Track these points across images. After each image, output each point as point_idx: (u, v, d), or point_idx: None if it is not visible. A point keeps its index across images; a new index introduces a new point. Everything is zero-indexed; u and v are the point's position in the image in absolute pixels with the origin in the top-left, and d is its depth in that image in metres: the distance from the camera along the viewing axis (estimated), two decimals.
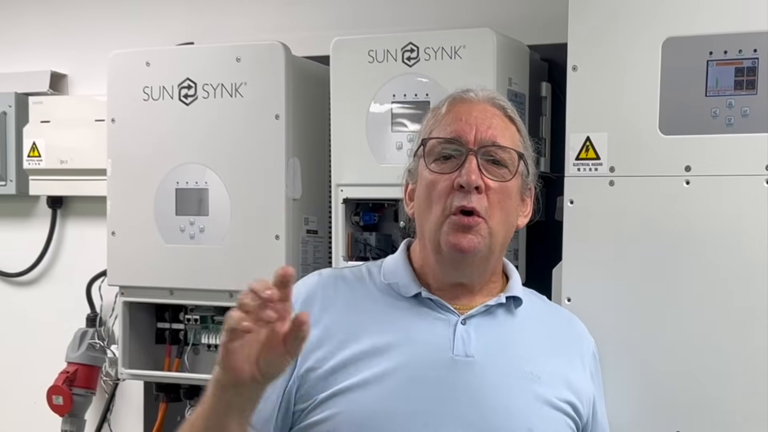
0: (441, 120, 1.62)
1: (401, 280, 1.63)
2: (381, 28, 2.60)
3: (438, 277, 1.63)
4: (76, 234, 3.04)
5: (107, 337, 2.91)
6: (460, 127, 1.59)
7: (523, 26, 2.43)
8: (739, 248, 1.90)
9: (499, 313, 1.64)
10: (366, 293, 1.64)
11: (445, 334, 1.58)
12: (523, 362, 1.60)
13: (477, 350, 1.57)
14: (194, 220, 2.41)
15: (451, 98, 1.66)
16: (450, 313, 1.61)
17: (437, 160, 1.59)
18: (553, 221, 2.21)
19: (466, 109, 1.62)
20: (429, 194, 1.58)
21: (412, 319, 1.60)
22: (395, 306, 1.61)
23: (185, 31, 2.84)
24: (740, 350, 1.90)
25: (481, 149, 1.57)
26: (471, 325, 1.60)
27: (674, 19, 1.95)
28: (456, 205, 1.55)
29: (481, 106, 1.63)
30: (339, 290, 1.64)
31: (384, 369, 1.54)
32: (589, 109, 2.01)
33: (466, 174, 1.55)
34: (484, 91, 1.67)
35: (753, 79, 1.90)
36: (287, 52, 2.34)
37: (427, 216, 1.59)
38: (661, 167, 1.95)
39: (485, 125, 1.59)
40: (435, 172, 1.58)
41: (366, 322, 1.59)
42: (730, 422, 1.91)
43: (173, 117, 2.41)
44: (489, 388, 1.55)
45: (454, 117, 1.61)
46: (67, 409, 2.87)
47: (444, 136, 1.59)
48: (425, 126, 1.66)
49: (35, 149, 2.92)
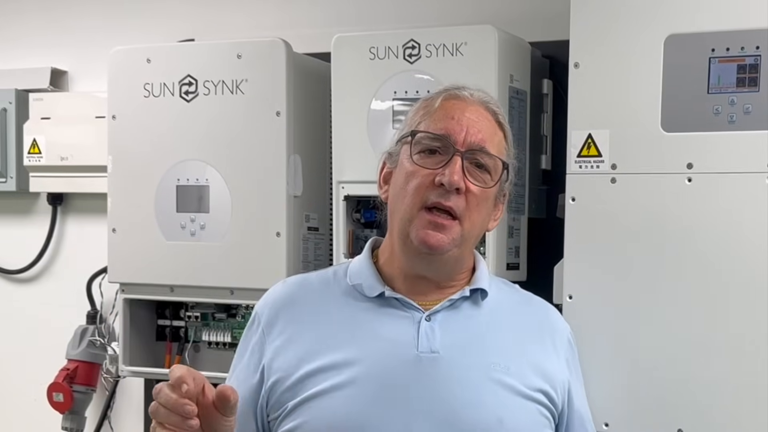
0: (433, 113, 1.61)
1: (365, 280, 1.63)
2: (382, 24, 2.60)
3: (403, 267, 1.62)
4: (76, 231, 3.04)
5: (108, 334, 2.91)
6: (451, 126, 1.58)
7: (524, 23, 2.42)
8: (740, 245, 1.90)
9: (464, 306, 1.63)
10: (330, 298, 1.64)
11: (409, 331, 1.58)
12: (491, 354, 1.59)
13: (442, 345, 1.57)
14: (195, 217, 2.40)
15: (445, 93, 1.64)
16: (414, 310, 1.60)
17: (422, 152, 1.58)
18: (555, 219, 2.21)
19: (460, 108, 1.61)
20: (407, 184, 1.57)
21: (376, 320, 1.60)
22: (359, 308, 1.61)
23: (186, 27, 2.83)
24: (742, 348, 1.90)
25: (468, 152, 1.57)
26: (436, 321, 1.59)
27: (676, 16, 1.94)
28: (433, 201, 1.55)
29: (474, 108, 1.62)
30: (303, 298, 1.65)
31: (351, 374, 1.54)
32: (590, 106, 2.01)
33: (449, 174, 1.54)
34: (479, 92, 1.66)
35: (755, 77, 1.90)
36: (288, 49, 2.34)
37: (401, 205, 1.58)
38: (663, 164, 1.95)
39: (476, 128, 1.58)
40: (418, 164, 1.58)
41: (331, 329, 1.60)
42: (733, 421, 1.90)
43: (174, 114, 2.41)
44: (456, 382, 1.55)
45: (446, 114, 1.60)
46: (67, 407, 2.87)
47: (434, 132, 1.58)
48: (415, 115, 1.64)
49: (35, 146, 2.92)
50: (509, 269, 2.24)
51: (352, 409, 1.52)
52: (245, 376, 1.63)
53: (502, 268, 2.22)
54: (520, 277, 2.29)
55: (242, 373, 1.64)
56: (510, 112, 2.21)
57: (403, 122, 1.68)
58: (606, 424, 1.99)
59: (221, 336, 2.48)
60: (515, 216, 2.26)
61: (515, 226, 2.26)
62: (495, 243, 2.18)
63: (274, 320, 1.63)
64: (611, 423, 1.99)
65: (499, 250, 2.19)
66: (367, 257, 1.68)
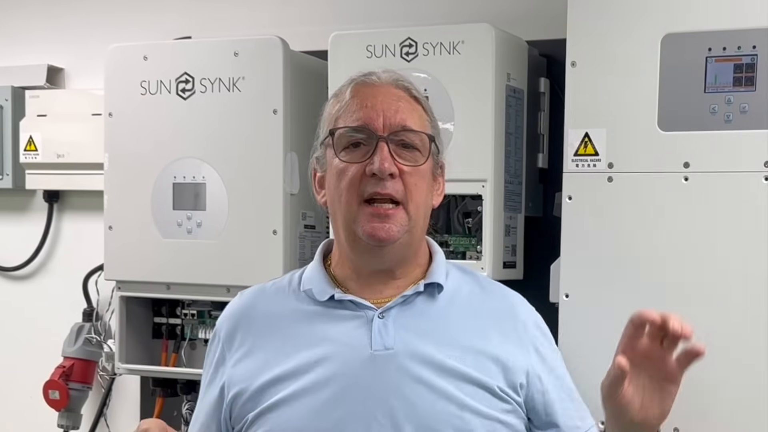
0: (346, 107, 1.58)
1: (315, 285, 1.62)
2: (379, 22, 2.60)
3: (355, 266, 1.61)
4: (72, 228, 3.04)
5: (104, 332, 2.90)
6: (366, 114, 1.55)
7: (522, 22, 2.42)
8: (737, 244, 1.90)
9: (418, 301, 1.61)
10: (284, 306, 1.63)
11: (362, 331, 1.56)
12: (446, 346, 1.56)
13: (396, 341, 1.55)
14: (191, 215, 2.40)
15: (353, 83, 1.61)
16: (366, 309, 1.58)
17: (346, 149, 1.56)
18: (551, 217, 2.21)
19: (371, 94, 1.58)
20: (340, 182, 1.55)
21: (329, 324, 1.58)
22: (312, 313, 1.60)
23: (183, 25, 2.83)
24: (739, 346, 1.90)
25: (390, 135, 1.54)
26: (389, 318, 1.57)
27: (673, 15, 1.95)
28: (370, 192, 1.53)
29: (384, 89, 1.59)
30: (259, 308, 1.65)
31: (308, 380, 1.54)
32: (587, 105, 2.01)
33: (378, 162, 1.52)
34: (386, 72, 1.63)
35: (752, 76, 1.90)
36: (285, 47, 2.33)
37: (340, 205, 1.56)
38: (660, 163, 1.95)
39: (392, 109, 1.55)
40: (345, 161, 1.55)
41: (286, 338, 1.59)
42: (729, 420, 1.91)
43: (171, 111, 2.41)
44: (413, 376, 1.53)
45: (360, 103, 1.57)
46: (63, 404, 2.87)
47: (351, 125, 1.55)
48: (329, 113, 1.61)
49: (32, 143, 2.91)
50: (506, 267, 2.25)
51: (311, 415, 1.52)
52: (209, 391, 1.65)
53: (499, 266, 2.22)
54: (516, 275, 2.29)
55: (207, 388, 1.66)
56: (507, 111, 2.21)
57: (321, 123, 1.64)
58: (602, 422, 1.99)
59: None
60: (512, 214, 2.26)
61: (512, 224, 2.26)
62: (491, 241, 2.18)
63: (233, 333, 1.63)
64: None
65: (495, 249, 2.19)
66: (318, 261, 1.66)
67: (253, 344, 1.61)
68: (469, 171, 2.16)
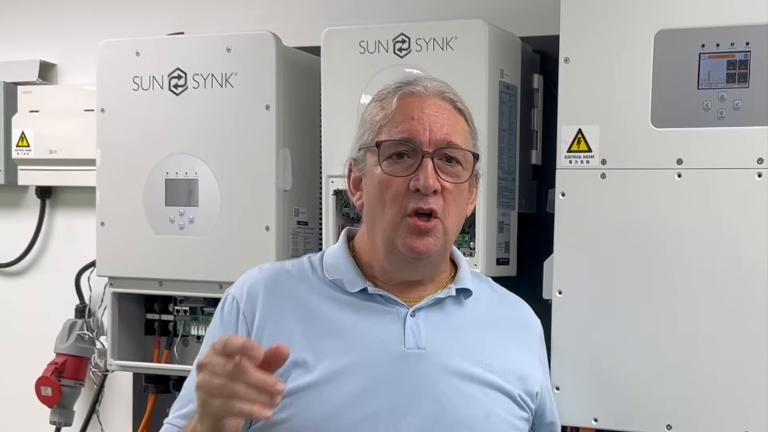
0: (391, 117, 1.56)
1: (345, 275, 1.59)
2: (372, 18, 2.59)
3: (389, 274, 1.59)
4: (65, 224, 3.03)
5: (96, 328, 2.90)
6: (413, 127, 1.53)
7: (515, 18, 2.42)
8: (730, 241, 1.90)
9: (447, 303, 1.61)
10: (310, 289, 1.60)
11: (395, 328, 1.56)
12: (475, 351, 1.58)
13: (428, 342, 1.55)
14: (184, 211, 2.40)
15: (400, 92, 1.58)
16: (398, 305, 1.58)
17: (389, 158, 1.54)
18: (545, 214, 2.21)
19: (418, 106, 1.55)
20: (382, 194, 1.54)
21: (361, 316, 1.57)
22: (342, 302, 1.58)
23: (175, 20, 2.82)
24: (732, 343, 1.90)
25: (436, 151, 1.53)
26: (420, 317, 1.57)
27: (666, 11, 1.94)
28: (413, 207, 1.52)
29: (431, 101, 1.56)
30: (282, 286, 1.60)
31: (339, 370, 1.51)
32: (580, 101, 2.01)
33: (423, 179, 1.51)
34: (433, 81, 1.61)
35: (745, 72, 1.90)
36: (278, 43, 2.33)
37: (381, 215, 1.55)
38: (653, 160, 1.95)
39: (438, 124, 1.54)
40: (388, 173, 1.53)
41: (315, 324, 1.56)
42: (721, 416, 1.91)
43: (163, 107, 2.40)
44: (443, 378, 1.54)
45: (406, 115, 1.55)
46: (55, 401, 2.86)
47: (397, 138, 1.53)
48: (372, 119, 1.58)
49: (24, 139, 2.91)
50: (499, 264, 2.24)
51: (340, 406, 1.50)
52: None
53: (492, 263, 2.21)
54: (509, 272, 2.29)
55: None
56: (500, 107, 2.20)
57: (362, 125, 1.61)
58: (595, 419, 2.00)
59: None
60: (505, 211, 2.26)
61: (505, 221, 2.26)
62: (485, 238, 2.17)
63: (254, 307, 1.58)
64: (600, 418, 1.99)
65: (488, 245, 2.19)
66: (344, 250, 1.63)
67: (279, 323, 1.56)
68: None
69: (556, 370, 2.01)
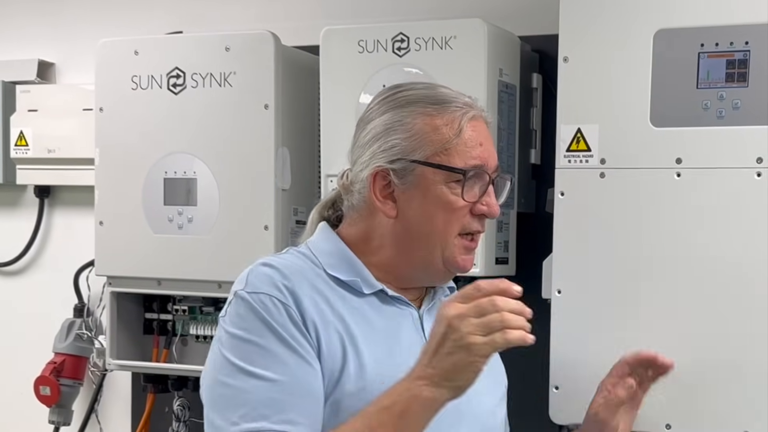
0: (463, 139, 1.55)
1: (360, 276, 1.56)
2: (371, 17, 2.59)
3: (405, 282, 1.60)
4: (63, 224, 3.02)
5: (95, 328, 2.89)
6: (483, 155, 1.56)
7: (514, 17, 2.42)
8: (729, 240, 1.90)
9: (437, 301, 1.65)
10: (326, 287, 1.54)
11: (416, 329, 1.58)
12: None
13: None
14: (182, 210, 2.40)
15: (468, 115, 1.57)
16: (410, 307, 1.60)
17: (456, 181, 1.55)
18: (544, 213, 2.20)
19: (481, 131, 1.58)
20: (441, 211, 1.55)
21: (385, 318, 1.56)
22: (362, 304, 1.55)
23: (174, 19, 2.82)
24: (731, 342, 1.90)
25: (496, 177, 1.59)
26: (427, 318, 1.59)
27: (666, 10, 1.94)
28: (474, 229, 1.57)
29: (485, 126, 1.61)
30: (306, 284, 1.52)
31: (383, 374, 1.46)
32: (580, 100, 2.01)
33: (493, 206, 1.57)
34: (472, 100, 1.62)
35: (744, 72, 1.90)
36: (277, 42, 2.33)
37: (432, 233, 1.55)
38: (652, 159, 1.95)
39: (492, 149, 1.60)
40: (467, 198, 1.55)
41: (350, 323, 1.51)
42: (720, 416, 1.91)
43: (162, 106, 2.40)
44: None
45: (474, 141, 1.56)
46: (54, 400, 2.86)
47: (472, 164, 1.55)
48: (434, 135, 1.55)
49: (22, 138, 2.90)
50: (498, 263, 2.24)
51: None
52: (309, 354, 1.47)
53: (491, 262, 2.21)
54: (509, 271, 2.29)
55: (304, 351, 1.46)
56: (499, 107, 2.20)
57: (410, 134, 1.55)
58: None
59: (209, 329, 2.47)
60: (504, 210, 2.26)
61: (504, 220, 2.26)
62: (484, 237, 2.16)
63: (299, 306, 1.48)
64: None
65: (488, 245, 2.19)
66: (346, 249, 1.59)
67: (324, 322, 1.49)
68: None
69: (554, 370, 2.01)
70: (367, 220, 1.59)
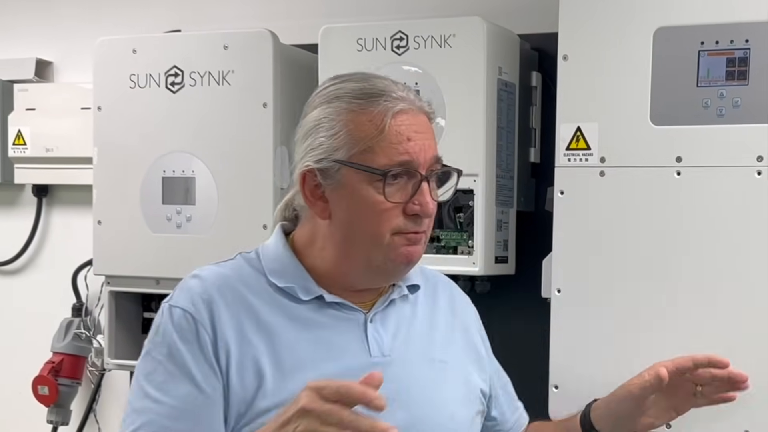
0: (386, 136, 1.45)
1: (297, 282, 1.50)
2: (370, 15, 2.58)
3: (354, 284, 1.51)
4: (61, 223, 3.02)
5: (93, 327, 2.89)
6: (412, 150, 1.45)
7: (513, 15, 2.41)
8: (730, 239, 1.89)
9: (397, 302, 1.56)
10: (259, 297, 1.49)
11: (357, 336, 1.50)
12: (431, 349, 1.55)
13: (391, 348, 1.51)
14: (181, 209, 2.39)
15: (391, 110, 1.46)
16: (355, 311, 1.51)
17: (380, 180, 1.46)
18: (544, 212, 2.20)
19: (410, 125, 1.46)
20: (370, 212, 1.46)
21: (321, 327, 1.48)
22: (298, 313, 1.49)
23: (172, 18, 2.81)
24: (730, 341, 1.89)
25: (430, 173, 1.47)
26: (377, 322, 1.52)
27: (665, 8, 1.94)
28: (409, 230, 1.46)
29: (419, 118, 1.48)
30: (233, 296, 1.48)
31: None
32: (579, 99, 2.00)
33: (425, 205, 1.46)
34: (409, 91, 1.51)
35: (744, 70, 1.89)
36: (275, 40, 2.32)
37: (364, 234, 1.47)
38: (652, 158, 1.95)
39: (428, 143, 1.48)
40: (388, 196, 1.45)
41: (274, 336, 1.46)
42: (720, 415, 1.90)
43: (160, 105, 2.39)
44: (410, 383, 1.50)
45: (401, 136, 1.45)
46: (52, 400, 2.85)
47: (397, 161, 1.44)
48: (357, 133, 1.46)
49: (20, 137, 2.90)
50: (498, 263, 2.24)
51: None
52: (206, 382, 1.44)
53: (491, 261, 2.21)
54: (508, 270, 2.29)
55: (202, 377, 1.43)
56: (498, 105, 2.20)
57: (333, 131, 1.48)
58: None
59: None
60: (504, 209, 2.25)
61: (504, 219, 2.25)
62: (483, 236, 2.17)
63: (212, 321, 1.45)
64: None
65: (487, 244, 2.18)
66: (289, 253, 1.54)
67: (241, 339, 1.44)
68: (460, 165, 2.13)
69: (554, 369, 2.01)
70: (311, 222, 1.53)
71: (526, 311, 2.26)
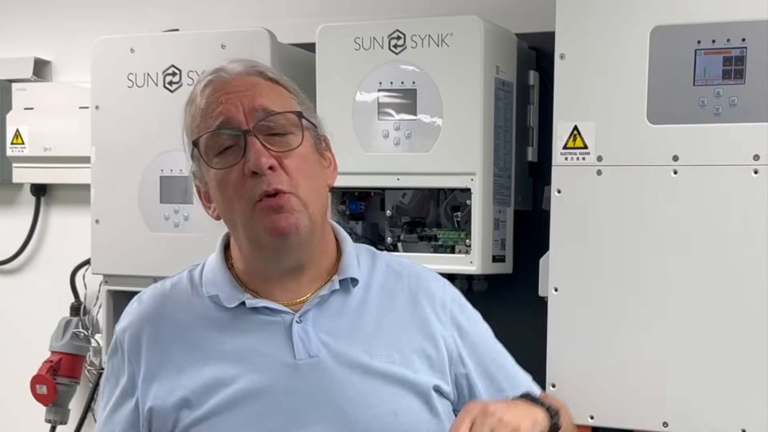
0: (202, 111, 1.44)
1: (221, 290, 1.48)
2: (367, 15, 2.59)
3: (265, 270, 1.48)
4: (59, 222, 3.02)
5: (91, 326, 2.89)
6: (225, 110, 1.41)
7: (511, 14, 2.41)
8: (726, 237, 1.90)
9: (333, 298, 1.49)
10: (190, 313, 1.49)
11: (282, 340, 1.45)
12: (372, 346, 1.47)
13: (319, 347, 1.45)
14: (179, 208, 2.39)
15: (202, 85, 1.46)
16: (282, 313, 1.47)
17: (218, 155, 1.43)
18: (540, 211, 2.20)
19: (224, 89, 1.44)
20: (225, 193, 1.43)
21: (244, 334, 1.46)
22: (223, 322, 1.47)
23: (170, 17, 2.81)
24: (728, 340, 1.90)
25: (256, 126, 1.41)
26: (307, 321, 1.47)
27: (662, 7, 1.94)
28: (258, 193, 1.40)
29: (237, 80, 1.45)
30: (163, 316, 1.50)
31: (231, 396, 1.42)
32: (576, 97, 2.01)
33: (254, 158, 1.39)
34: (235, 62, 1.48)
35: (741, 69, 1.89)
36: (273, 39, 2.32)
37: (233, 215, 1.45)
38: (649, 157, 1.95)
39: (249, 98, 1.42)
40: (220, 168, 1.42)
41: (197, 352, 1.46)
42: (718, 414, 1.91)
43: (158, 104, 2.39)
44: (342, 383, 1.44)
45: (214, 102, 1.43)
46: (51, 399, 2.85)
47: (212, 127, 1.42)
48: (188, 124, 1.47)
49: (19, 136, 2.90)
50: (495, 261, 2.24)
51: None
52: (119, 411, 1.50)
53: (488, 260, 2.21)
54: (505, 269, 2.29)
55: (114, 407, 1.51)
56: (496, 104, 2.20)
57: (183, 136, 1.50)
58: (591, 416, 1.99)
59: None
60: (501, 208, 2.25)
61: (501, 218, 2.26)
62: (480, 235, 2.17)
63: (138, 344, 1.49)
64: (596, 415, 1.98)
65: (484, 243, 2.18)
66: (220, 261, 1.52)
67: (162, 356, 1.47)
68: (457, 164, 2.16)
69: (552, 368, 2.01)
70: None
71: (524, 310, 2.26)
